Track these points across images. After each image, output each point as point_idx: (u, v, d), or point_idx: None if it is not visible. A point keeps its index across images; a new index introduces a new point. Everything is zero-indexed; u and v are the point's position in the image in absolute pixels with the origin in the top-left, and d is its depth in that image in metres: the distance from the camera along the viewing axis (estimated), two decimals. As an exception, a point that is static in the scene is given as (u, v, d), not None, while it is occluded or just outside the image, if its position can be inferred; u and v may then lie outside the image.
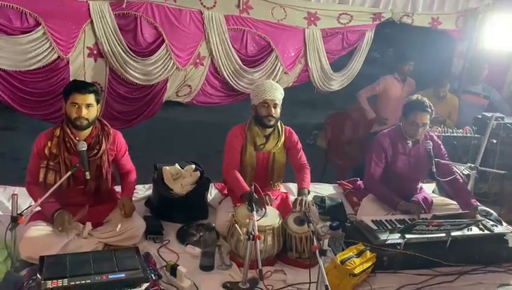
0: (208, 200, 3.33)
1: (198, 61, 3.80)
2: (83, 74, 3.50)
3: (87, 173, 2.57)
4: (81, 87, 2.64)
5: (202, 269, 2.58)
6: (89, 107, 2.62)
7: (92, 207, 2.75)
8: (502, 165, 3.91)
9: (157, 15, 3.55)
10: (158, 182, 3.17)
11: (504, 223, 3.12)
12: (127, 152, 2.94)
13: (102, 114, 3.60)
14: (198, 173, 3.24)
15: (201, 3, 3.66)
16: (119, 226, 2.64)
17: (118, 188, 3.00)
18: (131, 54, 3.54)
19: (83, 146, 2.60)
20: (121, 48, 3.50)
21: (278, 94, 3.02)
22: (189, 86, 3.90)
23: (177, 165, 3.31)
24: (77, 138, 2.65)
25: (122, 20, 3.49)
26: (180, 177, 3.21)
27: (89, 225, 2.66)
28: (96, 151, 2.70)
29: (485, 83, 4.72)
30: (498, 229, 2.95)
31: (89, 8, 3.34)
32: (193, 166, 3.31)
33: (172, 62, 3.67)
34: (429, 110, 3.12)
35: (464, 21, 4.49)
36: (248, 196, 2.69)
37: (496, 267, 2.81)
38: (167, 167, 3.24)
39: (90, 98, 2.63)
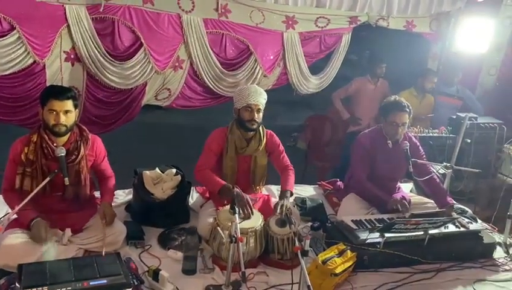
0: (190, 204, 3.32)
1: (177, 64, 3.80)
2: (60, 79, 3.46)
3: (66, 178, 2.54)
4: (59, 93, 2.57)
5: (185, 273, 2.57)
6: (67, 114, 2.57)
7: (71, 213, 2.71)
8: (476, 163, 4.02)
9: (135, 19, 3.54)
10: (138, 187, 3.14)
11: (479, 221, 3.21)
12: (106, 157, 2.90)
13: (80, 119, 3.55)
14: (179, 177, 3.22)
15: (180, 7, 3.66)
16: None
17: (97, 194, 2.96)
18: (109, 58, 3.51)
19: (62, 152, 2.56)
20: (99, 52, 3.47)
21: (261, 99, 3.04)
22: (169, 89, 3.89)
23: (157, 170, 3.29)
24: (55, 144, 2.61)
25: (99, 24, 3.46)
26: (161, 182, 3.19)
27: (68, 231, 2.62)
28: (74, 157, 2.66)
29: (458, 85, 4.85)
30: (473, 226, 3.03)
31: (65, 12, 3.30)
32: (174, 170, 3.30)
33: (150, 66, 3.66)
34: (407, 109, 3.19)
35: (437, 24, 4.61)
36: (226, 190, 2.73)
37: (472, 263, 2.89)
38: (147, 172, 3.22)
39: (68, 104, 2.58)
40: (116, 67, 3.56)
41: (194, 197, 3.42)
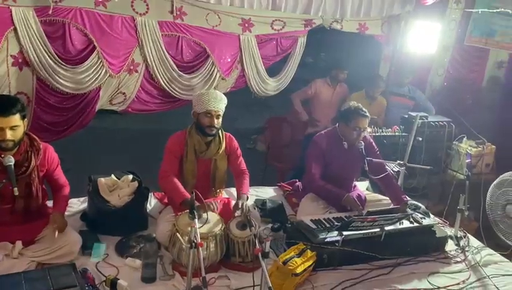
0: (148, 211, 3.26)
1: (132, 68, 3.73)
2: (8, 84, 3.30)
3: (15, 189, 2.42)
4: (3, 108, 2.39)
5: (144, 281, 2.52)
6: (15, 128, 2.43)
7: (22, 225, 2.59)
8: (428, 160, 4.19)
9: (87, 21, 3.44)
10: (93, 195, 3.05)
11: (431, 215, 3.34)
12: (59, 166, 2.79)
13: (30, 126, 3.41)
14: (136, 183, 3.15)
15: (134, 9, 3.60)
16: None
17: (50, 203, 2.85)
18: (60, 62, 3.40)
19: (10, 160, 2.43)
20: (49, 56, 3.35)
21: (222, 105, 3.02)
22: (124, 93, 3.81)
23: (113, 176, 3.20)
24: (2, 155, 2.47)
25: (49, 26, 3.34)
26: (117, 189, 3.11)
27: (19, 243, 2.51)
28: (25, 168, 2.53)
29: (410, 85, 5.03)
30: (426, 221, 3.14)
31: (11, 14, 3.16)
32: (130, 176, 3.22)
33: (104, 69, 3.56)
34: (367, 114, 3.30)
35: (388, 26, 4.76)
36: (188, 203, 2.68)
37: (426, 257, 2.99)
38: (102, 179, 3.12)
39: (15, 119, 2.41)
40: (68, 72, 3.45)
41: (152, 203, 3.36)
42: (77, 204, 3.32)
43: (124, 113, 4.09)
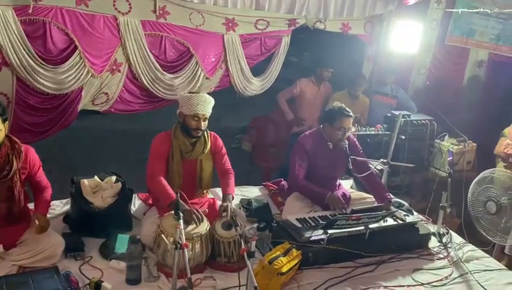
0: (132, 212, 3.23)
1: (114, 67, 3.68)
2: (-14, 85, 3.24)
3: (-5, 191, 2.38)
4: None
5: (129, 283, 2.50)
6: None
7: (3, 229, 2.55)
8: (411, 158, 4.24)
9: (68, 21, 3.39)
10: (76, 196, 3.01)
11: (415, 213, 3.39)
12: (40, 168, 2.75)
13: (11, 127, 3.33)
14: (119, 184, 3.12)
15: (116, 9, 3.56)
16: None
17: (31, 206, 2.80)
18: (41, 62, 3.34)
19: (-12, 163, 2.39)
20: (29, 56, 3.29)
21: (209, 108, 3.01)
22: (106, 93, 3.76)
23: (96, 178, 3.17)
24: (-18, 159, 2.43)
25: (29, 26, 3.28)
26: (100, 190, 3.08)
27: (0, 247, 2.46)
28: (6, 172, 2.49)
29: (393, 84, 5.09)
30: (410, 219, 3.19)
31: (-11, 14, 3.10)
32: (113, 177, 3.19)
33: (86, 69, 3.51)
34: (352, 114, 3.32)
35: (371, 26, 4.80)
36: (176, 205, 2.66)
37: (410, 254, 3.03)
38: (85, 180, 3.09)
39: None
40: (49, 72, 3.39)
41: (136, 204, 3.33)
42: (60, 206, 3.27)
43: (106, 114, 4.04)
